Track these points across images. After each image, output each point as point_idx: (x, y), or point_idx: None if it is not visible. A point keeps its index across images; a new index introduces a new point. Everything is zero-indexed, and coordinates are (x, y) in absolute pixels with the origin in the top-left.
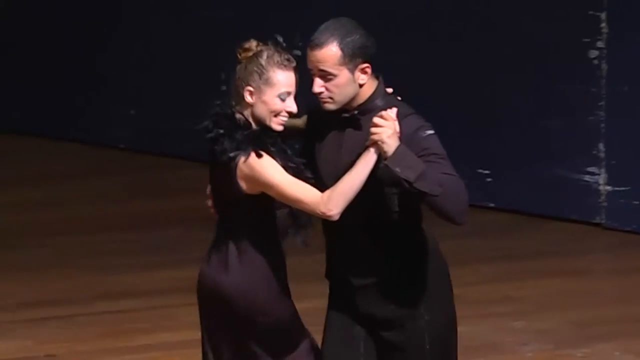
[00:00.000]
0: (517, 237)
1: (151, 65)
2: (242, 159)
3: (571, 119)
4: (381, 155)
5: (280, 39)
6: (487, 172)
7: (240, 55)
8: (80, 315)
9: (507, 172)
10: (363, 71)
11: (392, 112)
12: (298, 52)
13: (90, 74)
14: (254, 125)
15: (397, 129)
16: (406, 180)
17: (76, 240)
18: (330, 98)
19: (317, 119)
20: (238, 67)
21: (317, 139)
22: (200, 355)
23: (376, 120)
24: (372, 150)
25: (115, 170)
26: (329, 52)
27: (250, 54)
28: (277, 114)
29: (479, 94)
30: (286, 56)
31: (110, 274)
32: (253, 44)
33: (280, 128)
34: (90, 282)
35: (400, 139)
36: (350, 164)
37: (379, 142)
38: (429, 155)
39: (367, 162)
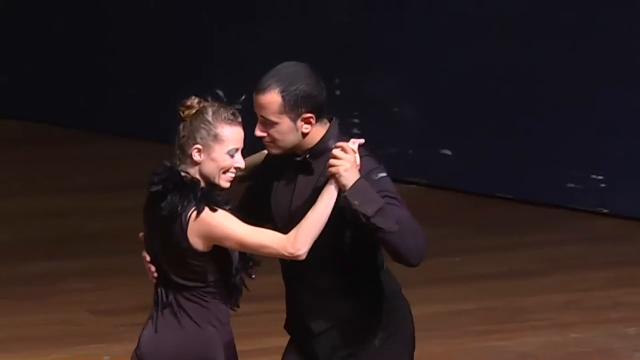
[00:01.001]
0: (630, 243)
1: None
2: (194, 214)
3: None
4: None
5: (221, 94)
6: (600, 177)
7: (183, 112)
8: None
9: (621, 178)
10: (306, 121)
11: (353, 144)
12: (239, 106)
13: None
14: (202, 183)
15: (358, 161)
16: (364, 214)
17: None
18: (272, 143)
19: (272, 159)
20: (182, 124)
21: (272, 180)
22: None
23: (335, 152)
24: (332, 184)
25: None
26: (270, 99)
27: (194, 110)
28: (226, 171)
29: (594, 98)
30: (231, 111)
31: None
32: (194, 100)
33: (228, 185)
34: None
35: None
36: (302, 208)
37: (337, 175)
38: (384, 197)
39: (329, 197)
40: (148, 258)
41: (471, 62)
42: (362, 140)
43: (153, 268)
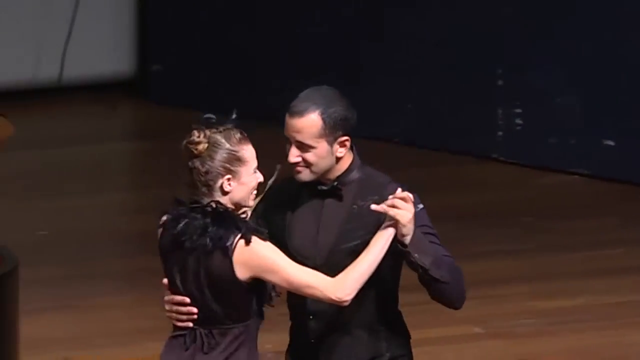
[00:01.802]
0: None
1: (425, 58)
2: (242, 243)
3: None
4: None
5: (212, 117)
6: None
7: (196, 150)
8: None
9: None
10: (342, 144)
11: (408, 195)
12: (229, 125)
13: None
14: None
15: (413, 211)
16: (422, 267)
17: None
18: (306, 168)
19: (277, 196)
20: (197, 162)
21: (285, 210)
22: None
23: (397, 202)
24: (389, 232)
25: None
26: (309, 122)
27: (205, 144)
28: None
29: None
30: (238, 131)
31: None
32: (201, 134)
33: (253, 204)
34: None
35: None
36: (331, 238)
37: (400, 225)
38: (426, 233)
39: (383, 244)
40: (188, 300)
41: (635, 51)
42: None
43: (194, 310)
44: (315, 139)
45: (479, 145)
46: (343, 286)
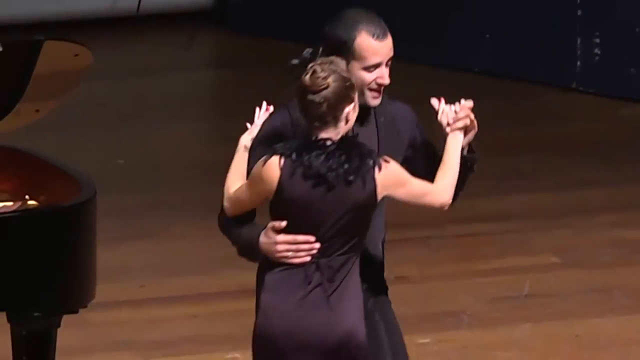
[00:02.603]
0: None
1: None
2: (378, 168)
3: None
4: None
5: (309, 50)
6: None
7: (322, 85)
8: (432, 238)
9: None
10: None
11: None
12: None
13: None
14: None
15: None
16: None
17: None
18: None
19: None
20: (323, 95)
21: None
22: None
23: (465, 109)
24: (460, 137)
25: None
26: (391, 41)
27: (330, 77)
28: None
29: None
30: (331, 58)
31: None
32: (320, 68)
33: None
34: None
35: None
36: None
37: (472, 131)
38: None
39: (458, 149)
40: (312, 238)
41: None
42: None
43: (317, 245)
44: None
45: (558, 75)
46: (448, 191)
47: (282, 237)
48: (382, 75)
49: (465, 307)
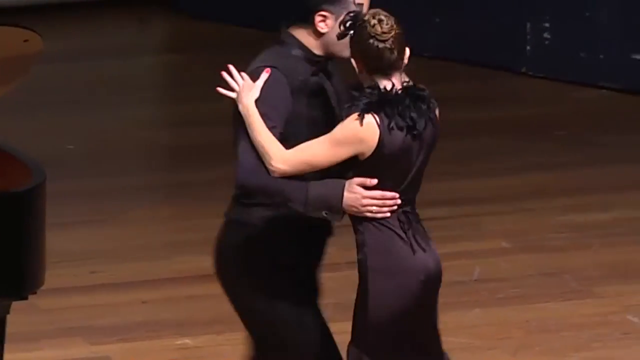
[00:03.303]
0: None
1: None
2: (437, 111)
3: None
4: None
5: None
6: None
7: (392, 32)
8: None
9: None
10: None
11: None
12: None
13: None
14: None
15: None
16: None
17: None
18: None
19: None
20: (392, 43)
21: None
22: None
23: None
24: None
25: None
26: None
27: (392, 22)
28: None
29: None
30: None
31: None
32: (386, 18)
33: None
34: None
35: None
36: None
37: None
38: None
39: None
40: (397, 195)
41: None
42: None
43: (399, 201)
44: None
45: (508, 59)
46: None
47: (369, 192)
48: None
49: None
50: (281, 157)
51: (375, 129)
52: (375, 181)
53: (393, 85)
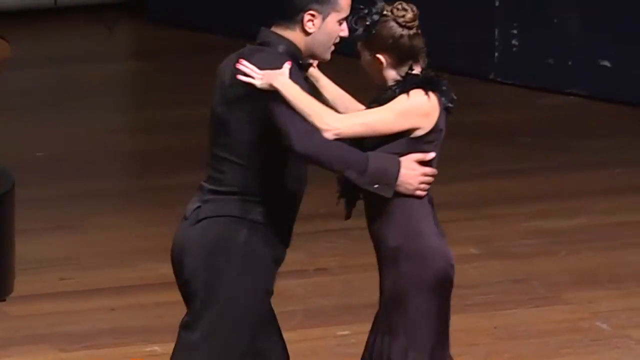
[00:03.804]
0: None
1: None
2: None
3: None
4: None
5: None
6: None
7: (416, 23)
8: (353, 230)
9: None
10: None
11: None
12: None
13: None
14: None
15: None
16: None
17: None
18: None
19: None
20: (410, 32)
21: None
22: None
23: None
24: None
25: None
26: None
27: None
28: None
29: None
30: None
31: None
32: (404, 6)
33: None
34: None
35: None
36: None
37: None
38: None
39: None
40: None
41: None
42: None
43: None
44: None
45: (476, 66)
46: None
47: (425, 169)
48: (345, 29)
49: None
50: (336, 118)
51: (437, 106)
52: (433, 154)
53: (423, 69)
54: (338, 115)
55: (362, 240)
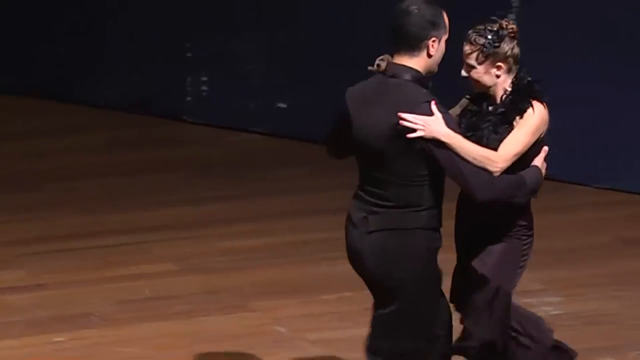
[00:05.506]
0: None
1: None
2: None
3: None
4: None
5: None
6: None
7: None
8: (72, 250)
9: None
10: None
11: None
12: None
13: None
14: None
15: None
16: None
17: (71, 185)
18: None
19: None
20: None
21: None
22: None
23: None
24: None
25: (101, 127)
26: None
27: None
28: None
29: None
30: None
31: (100, 214)
32: (501, 23)
33: None
34: (83, 221)
35: None
36: None
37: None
38: None
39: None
40: None
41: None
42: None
43: None
44: None
45: (172, 108)
46: None
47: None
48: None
49: (95, 309)
50: (500, 157)
51: (547, 111)
52: (546, 148)
53: (517, 73)
54: (497, 154)
55: (79, 259)
